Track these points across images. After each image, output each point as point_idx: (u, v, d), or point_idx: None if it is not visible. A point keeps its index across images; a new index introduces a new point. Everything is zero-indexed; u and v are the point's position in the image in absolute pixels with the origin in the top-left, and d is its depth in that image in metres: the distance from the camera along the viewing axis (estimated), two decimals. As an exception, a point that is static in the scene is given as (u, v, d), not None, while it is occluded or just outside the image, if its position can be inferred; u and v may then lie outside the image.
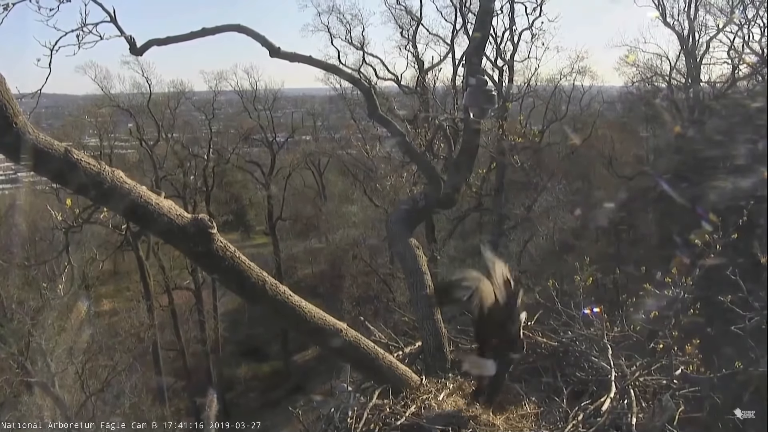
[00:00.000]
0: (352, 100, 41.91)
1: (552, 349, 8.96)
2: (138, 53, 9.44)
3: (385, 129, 11.11)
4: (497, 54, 36.91)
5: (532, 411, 7.70)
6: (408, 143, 10.84)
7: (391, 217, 11.38)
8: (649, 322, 8.73)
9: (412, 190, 23.16)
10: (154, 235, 9.78)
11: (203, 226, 5.78)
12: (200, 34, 8.98)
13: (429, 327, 8.72)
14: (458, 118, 12.26)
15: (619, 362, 8.33)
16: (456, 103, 22.06)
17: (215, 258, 5.99)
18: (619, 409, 7.43)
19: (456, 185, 10.14)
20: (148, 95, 43.08)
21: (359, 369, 8.01)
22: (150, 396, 32.53)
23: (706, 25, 37.59)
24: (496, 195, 38.36)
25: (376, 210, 39.21)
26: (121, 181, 5.44)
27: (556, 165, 39.71)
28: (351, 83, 20.21)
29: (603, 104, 44.86)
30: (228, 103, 51.08)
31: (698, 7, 36.87)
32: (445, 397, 7.73)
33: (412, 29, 38.97)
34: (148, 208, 5.57)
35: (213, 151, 45.96)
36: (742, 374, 8.45)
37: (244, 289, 6.46)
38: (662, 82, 39.93)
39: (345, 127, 48.41)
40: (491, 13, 10.52)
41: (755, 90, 35.34)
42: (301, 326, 6.96)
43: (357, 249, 41.25)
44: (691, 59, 37.80)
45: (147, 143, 43.51)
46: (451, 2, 37.59)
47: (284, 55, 9.24)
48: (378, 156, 33.86)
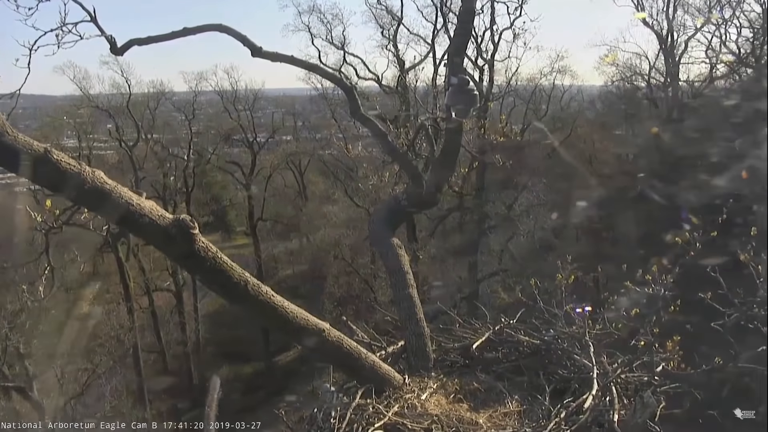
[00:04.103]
0: (334, 99, 41.94)
1: (534, 348, 9.00)
2: (118, 53, 9.38)
3: (366, 129, 11.07)
4: (478, 53, 37.01)
5: (515, 409, 7.73)
6: (390, 143, 10.84)
7: (373, 217, 11.40)
8: (630, 319, 8.78)
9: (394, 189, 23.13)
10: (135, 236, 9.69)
11: (185, 227, 5.73)
12: (181, 33, 8.92)
13: (412, 326, 8.72)
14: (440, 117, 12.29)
15: (601, 360, 8.39)
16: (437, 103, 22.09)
17: (197, 259, 5.95)
18: (601, 406, 7.49)
19: (438, 184, 10.17)
20: (128, 96, 42.78)
21: (342, 369, 8.01)
22: (131, 398, 32.30)
23: (684, 24, 38.07)
24: (478, 194, 38.48)
25: (358, 210, 39.19)
26: (102, 182, 5.38)
27: (537, 164, 39.87)
28: (332, 83, 20.21)
29: (583, 103, 45.18)
30: (208, 103, 50.78)
31: (677, 7, 37.27)
32: (428, 396, 7.74)
33: (393, 29, 39.02)
34: (129, 209, 5.52)
35: (193, 152, 45.75)
36: (721, 370, 8.53)
37: (226, 290, 6.42)
38: (642, 81, 40.39)
39: (326, 127, 48.34)
40: (472, 12, 10.53)
41: (733, 89, 35.73)
42: (283, 327, 6.94)
43: (338, 249, 41.19)
44: (670, 59, 38.18)
45: (126, 144, 43.16)
46: (432, 2, 37.69)
47: (266, 55, 9.20)
48: (359, 156, 33.83)
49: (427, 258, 36.10)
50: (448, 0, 35.74)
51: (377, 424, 7.09)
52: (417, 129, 11.53)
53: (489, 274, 38.19)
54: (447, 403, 7.75)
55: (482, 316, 10.21)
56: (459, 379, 8.38)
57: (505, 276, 36.03)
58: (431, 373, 8.40)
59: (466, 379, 8.40)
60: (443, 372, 8.55)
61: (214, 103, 49.63)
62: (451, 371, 8.66)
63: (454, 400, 7.86)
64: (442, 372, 8.54)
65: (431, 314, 11.78)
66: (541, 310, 9.50)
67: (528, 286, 10.15)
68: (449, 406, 7.65)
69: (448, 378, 8.35)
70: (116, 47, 9.19)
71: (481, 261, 39.10)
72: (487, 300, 32.35)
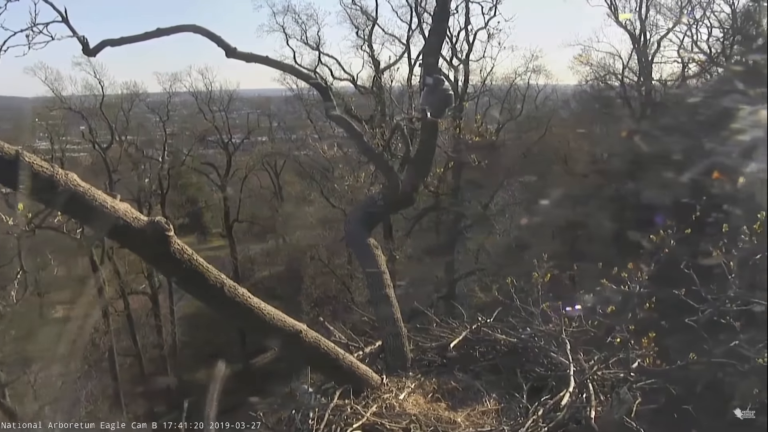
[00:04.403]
0: (309, 100, 41.74)
1: (511, 346, 9.05)
2: (91, 54, 9.27)
3: (342, 129, 11.06)
4: (453, 53, 37.08)
5: (492, 407, 7.76)
6: (365, 143, 10.82)
7: (349, 217, 11.37)
8: (606, 317, 8.85)
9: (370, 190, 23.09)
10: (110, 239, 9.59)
11: (160, 229, 5.69)
12: (155, 34, 8.84)
13: (389, 326, 8.73)
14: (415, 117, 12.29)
15: (578, 357, 8.46)
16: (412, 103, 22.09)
17: (173, 261, 5.91)
18: (578, 403, 7.54)
19: (414, 184, 10.17)
20: (101, 97, 42.22)
21: (320, 370, 8.00)
22: (107, 403, 31.97)
23: (656, 24, 38.43)
24: (454, 194, 38.58)
25: (334, 210, 39.07)
26: (75, 185, 5.32)
27: (512, 163, 40.04)
28: (307, 83, 20.13)
29: (558, 103, 45.46)
30: (183, 104, 50.29)
31: (649, 7, 37.63)
32: (406, 396, 7.76)
33: (368, 29, 38.89)
34: (103, 211, 5.46)
35: (168, 153, 45.37)
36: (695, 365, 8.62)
37: (203, 292, 6.39)
38: (615, 80, 40.65)
39: (302, 127, 48.17)
40: (447, 13, 10.55)
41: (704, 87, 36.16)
42: (260, 328, 6.92)
43: (315, 250, 41.06)
44: (643, 58, 38.53)
45: (100, 146, 42.62)
46: (407, 2, 37.58)
47: (240, 56, 9.15)
48: (335, 156, 33.76)
49: (404, 258, 36.10)
50: (423, 0, 35.82)
51: (355, 424, 7.08)
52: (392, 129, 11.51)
53: (466, 274, 38.33)
54: (425, 402, 7.76)
55: (459, 315, 10.26)
56: (437, 378, 8.40)
57: (481, 275, 36.17)
58: (409, 372, 8.41)
59: (444, 378, 8.42)
60: (421, 371, 8.57)
61: (189, 104, 49.22)
62: (428, 371, 8.68)
63: (432, 400, 7.88)
64: (420, 372, 8.56)
65: (408, 314, 11.80)
66: (517, 309, 9.56)
67: (505, 285, 10.19)
68: (427, 406, 7.66)
69: (425, 377, 8.36)
70: (89, 48, 9.08)
71: (458, 260, 39.24)
72: (464, 299, 32.52)
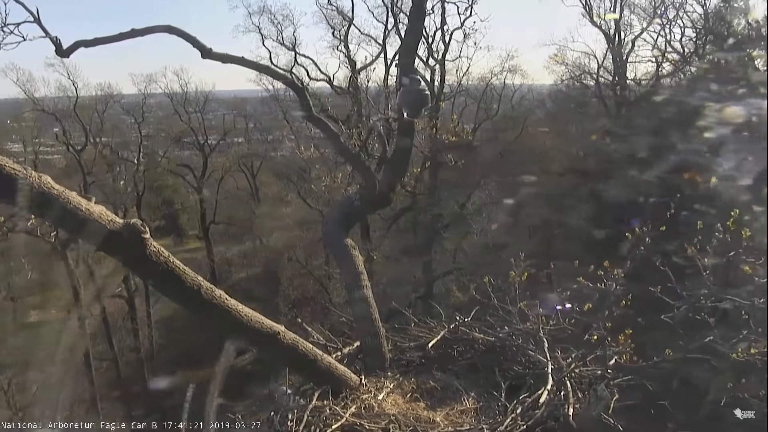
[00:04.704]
0: (285, 101, 41.62)
1: (489, 345, 9.08)
2: (64, 55, 9.17)
3: (319, 130, 11.04)
4: (429, 53, 37.11)
5: (471, 406, 7.78)
6: (342, 143, 10.83)
7: (326, 218, 11.38)
8: (583, 314, 8.91)
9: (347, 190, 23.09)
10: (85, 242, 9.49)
11: (136, 231, 5.64)
12: (129, 35, 8.77)
13: (367, 327, 8.73)
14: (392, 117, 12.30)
15: (555, 355, 8.52)
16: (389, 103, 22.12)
17: (149, 264, 5.85)
18: (556, 401, 7.59)
19: (391, 184, 10.19)
20: (75, 99, 41.79)
21: (298, 371, 7.98)
22: (83, 407, 31.64)
23: (631, 24, 38.73)
24: (431, 194, 38.63)
25: (311, 211, 38.99)
26: (49, 187, 5.25)
27: (489, 163, 40.19)
28: (284, 84, 20.06)
29: (533, 102, 45.69)
30: (158, 105, 49.86)
31: (623, 7, 37.95)
32: (385, 396, 7.76)
33: (344, 29, 38.82)
34: (78, 214, 5.39)
35: (143, 155, 44.93)
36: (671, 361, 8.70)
37: (179, 295, 6.34)
38: (590, 80, 40.92)
39: (278, 128, 47.98)
40: (423, 13, 10.58)
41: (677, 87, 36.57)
42: (238, 330, 6.87)
43: (292, 251, 40.96)
44: (618, 58, 38.84)
45: (74, 148, 42.15)
46: (383, 2, 37.59)
47: (216, 56, 9.11)
48: (312, 157, 33.69)
49: (382, 258, 36.10)
50: (399, 0, 35.83)
51: (334, 425, 7.08)
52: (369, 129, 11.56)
53: (443, 273, 38.36)
54: (404, 402, 7.77)
55: (437, 314, 10.27)
56: (415, 378, 8.41)
57: (459, 274, 36.26)
58: (387, 372, 8.42)
59: (423, 378, 8.43)
60: (399, 371, 8.57)
61: (164, 105, 48.80)
62: (407, 370, 8.69)
63: (411, 399, 7.89)
64: (399, 371, 8.57)
65: (386, 314, 11.80)
66: (495, 308, 9.59)
67: (482, 284, 10.21)
68: (406, 406, 7.67)
69: (404, 377, 8.37)
70: (62, 49, 8.99)
71: (435, 260, 39.26)
72: (442, 299, 32.53)
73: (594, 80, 40.58)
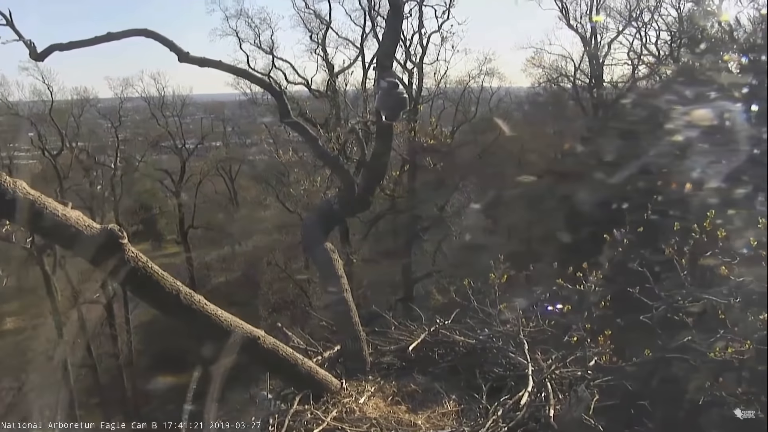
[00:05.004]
0: (263, 104, 41.50)
1: (470, 347, 9.08)
2: (39, 58, 9.07)
3: (297, 133, 11.02)
4: (407, 57, 37.19)
5: (452, 409, 7.78)
6: (320, 147, 10.82)
7: (305, 222, 11.35)
8: (562, 316, 8.96)
9: (326, 194, 23.07)
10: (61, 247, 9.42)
11: (113, 237, 5.58)
12: (105, 38, 8.69)
13: (347, 330, 8.70)
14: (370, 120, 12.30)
15: (536, 357, 8.54)
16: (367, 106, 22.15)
17: (127, 269, 5.79)
18: (537, 402, 7.63)
19: (370, 188, 10.17)
20: (50, 103, 41.41)
21: (279, 376, 7.94)
22: (61, 415, 31.31)
23: (606, 27, 39.09)
24: (410, 197, 38.67)
25: (290, 215, 38.88)
26: (24, 193, 5.18)
27: (467, 165, 40.31)
28: (262, 88, 20.00)
29: (511, 105, 45.90)
30: (135, 109, 49.45)
31: (599, 10, 38.26)
32: (366, 399, 7.74)
33: (322, 33, 38.79)
34: (54, 219, 5.33)
35: (120, 160, 44.55)
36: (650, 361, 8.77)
37: (158, 300, 6.30)
38: (567, 82, 41.20)
39: (256, 132, 47.81)
40: (400, 16, 10.57)
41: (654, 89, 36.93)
42: (217, 335, 6.82)
43: (272, 255, 40.80)
44: (594, 60, 39.17)
45: (50, 152, 41.77)
46: (360, 6, 37.63)
47: (193, 60, 9.05)
48: (290, 160, 33.62)
49: (361, 261, 36.09)
50: (376, 4, 35.87)
51: (316, 429, 7.05)
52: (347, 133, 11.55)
53: (423, 276, 38.45)
54: (385, 405, 7.76)
55: (417, 317, 10.25)
56: (396, 381, 8.40)
57: (439, 277, 36.30)
58: (368, 376, 8.40)
59: (404, 381, 8.42)
60: (380, 375, 8.56)
61: (141, 109, 48.44)
62: (388, 374, 8.67)
63: (392, 403, 7.88)
64: (380, 375, 8.55)
65: (367, 317, 11.77)
66: (475, 310, 9.60)
67: (462, 287, 10.23)
68: (387, 409, 7.66)
69: (385, 381, 8.36)
70: (36, 52, 8.89)
71: (415, 263, 39.34)
72: (422, 301, 32.55)
73: (571, 83, 40.87)
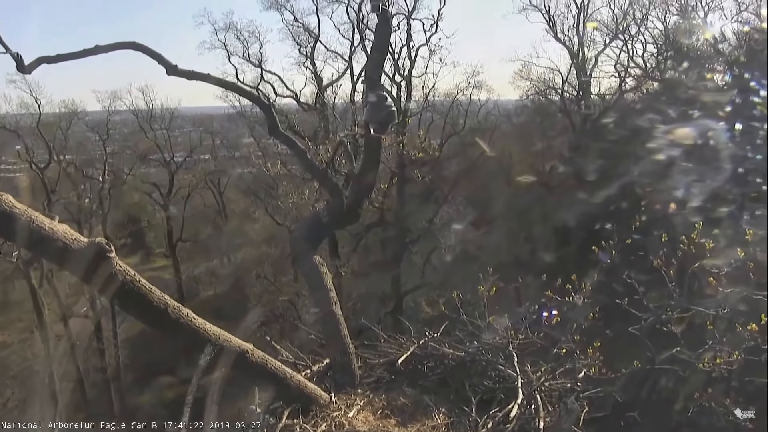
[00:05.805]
0: (252, 117, 41.52)
1: (459, 360, 9.06)
2: (26, 71, 8.97)
3: (286, 146, 11.01)
4: (395, 70, 37.38)
5: (442, 422, 7.75)
6: (309, 160, 10.81)
7: (294, 235, 11.31)
8: (551, 328, 8.96)
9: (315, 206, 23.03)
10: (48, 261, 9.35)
11: (101, 250, 5.54)
12: (93, 51, 8.64)
13: (336, 344, 8.67)
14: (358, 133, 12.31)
15: (525, 369, 8.53)
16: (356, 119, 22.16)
17: (114, 283, 5.75)
18: (526, 415, 7.62)
19: (358, 200, 10.18)
20: (38, 115, 41.23)
21: (267, 389, 7.88)
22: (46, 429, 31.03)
23: (594, 40, 39.49)
24: (398, 209, 38.70)
25: (279, 228, 38.83)
26: (11, 206, 5.13)
27: (456, 178, 40.41)
28: (250, 101, 20.01)
29: (499, 117, 46.04)
30: (123, 122, 49.35)
31: (586, 22, 38.56)
32: (355, 413, 7.70)
33: (310, 46, 38.97)
34: (41, 233, 5.28)
35: (108, 173, 44.41)
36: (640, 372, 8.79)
37: (146, 314, 6.24)
38: (555, 95, 41.43)
39: (245, 145, 47.80)
40: (389, 30, 10.60)
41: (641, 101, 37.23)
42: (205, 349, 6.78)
43: (260, 268, 40.72)
44: (582, 73, 39.42)
45: (37, 166, 41.57)
46: (349, 19, 37.86)
47: (182, 73, 9.02)
48: (279, 173, 33.62)
49: (350, 274, 36.05)
50: (364, 17, 36.04)
51: (305, 444, 7.02)
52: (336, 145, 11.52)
53: (412, 288, 38.44)
54: (374, 419, 7.72)
55: (407, 330, 10.21)
56: (386, 394, 8.36)
57: (428, 289, 36.29)
58: (358, 389, 8.36)
59: (393, 394, 8.38)
60: (369, 388, 8.52)
61: (130, 122, 48.35)
62: (377, 387, 8.64)
63: (382, 416, 7.84)
64: (369, 388, 8.51)
65: (356, 330, 11.75)
66: (464, 323, 9.60)
67: (451, 299, 10.23)
68: (377, 422, 7.62)
69: (374, 394, 8.32)
70: (23, 65, 8.81)
71: (404, 275, 39.32)
72: (412, 314, 32.55)
73: (559, 95, 41.09)
